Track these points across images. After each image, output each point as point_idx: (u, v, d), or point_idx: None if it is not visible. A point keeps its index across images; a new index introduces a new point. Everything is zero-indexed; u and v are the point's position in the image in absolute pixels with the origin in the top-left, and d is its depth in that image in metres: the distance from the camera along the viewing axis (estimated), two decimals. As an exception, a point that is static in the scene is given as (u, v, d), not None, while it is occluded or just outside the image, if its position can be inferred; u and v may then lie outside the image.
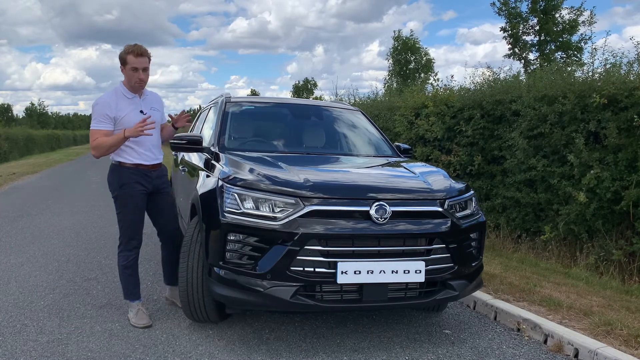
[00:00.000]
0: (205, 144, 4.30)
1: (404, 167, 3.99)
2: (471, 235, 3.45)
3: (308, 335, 3.61)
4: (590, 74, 5.98)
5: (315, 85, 46.11)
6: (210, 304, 3.47)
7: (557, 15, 23.73)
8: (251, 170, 3.40)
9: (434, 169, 4.02)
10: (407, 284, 3.19)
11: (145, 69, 3.57)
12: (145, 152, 3.68)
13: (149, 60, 3.61)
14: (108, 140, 3.53)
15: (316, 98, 25.60)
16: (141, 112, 3.65)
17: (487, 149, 6.99)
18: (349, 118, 5.13)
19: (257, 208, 3.13)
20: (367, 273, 3.05)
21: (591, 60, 6.07)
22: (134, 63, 3.51)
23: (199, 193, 3.64)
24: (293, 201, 3.11)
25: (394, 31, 39.89)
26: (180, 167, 5.39)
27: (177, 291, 3.85)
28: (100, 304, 4.16)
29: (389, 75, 33.13)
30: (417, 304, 3.64)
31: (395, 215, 3.16)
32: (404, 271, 3.10)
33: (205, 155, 4.20)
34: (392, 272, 3.08)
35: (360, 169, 4.13)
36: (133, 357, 3.20)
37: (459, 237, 3.32)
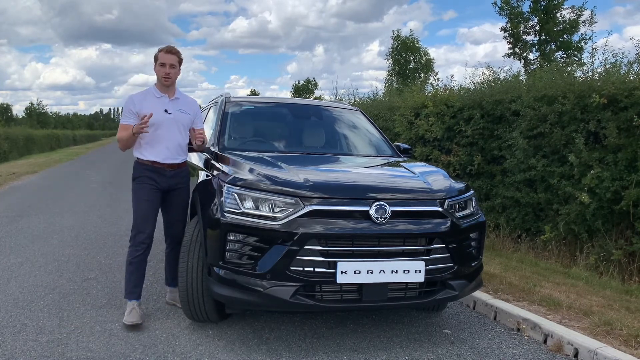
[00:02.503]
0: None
1: (404, 167, 3.99)
2: (471, 235, 3.45)
3: (308, 335, 3.61)
4: (590, 74, 5.98)
5: (315, 85, 46.01)
6: (210, 304, 3.47)
7: (558, 14, 23.72)
8: (251, 170, 3.40)
9: (434, 168, 4.02)
10: (406, 283, 3.19)
11: (173, 66, 3.73)
12: (161, 150, 3.74)
13: (179, 60, 3.80)
14: (122, 135, 3.70)
15: (316, 98, 25.60)
16: (165, 111, 3.73)
17: (486, 148, 6.99)
18: (349, 118, 5.13)
19: (257, 208, 3.13)
20: (367, 273, 3.05)
21: (591, 60, 6.08)
22: (162, 59, 3.72)
23: (199, 193, 3.65)
24: (293, 201, 3.11)
25: (393, 31, 39.89)
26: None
27: (177, 292, 3.84)
28: (100, 304, 4.16)
29: (388, 74, 33.13)
30: (417, 304, 3.64)
31: (395, 215, 3.16)
32: (404, 271, 3.10)
33: (205, 155, 4.21)
34: (392, 272, 3.08)
35: (360, 168, 4.13)
36: (133, 357, 3.20)
37: (459, 237, 3.32)
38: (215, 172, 3.66)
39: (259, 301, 3.11)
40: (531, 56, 25.30)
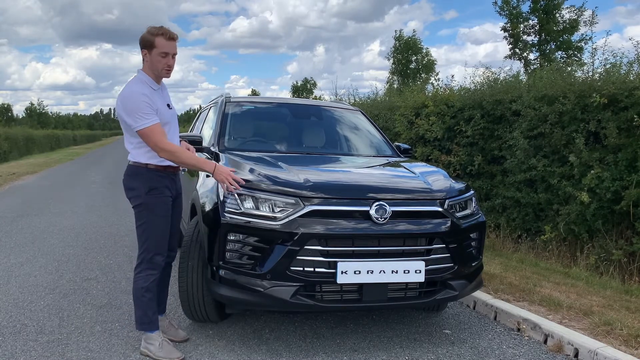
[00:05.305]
0: (205, 144, 4.30)
1: (404, 167, 3.99)
2: (471, 235, 3.45)
3: (308, 335, 3.61)
4: (590, 73, 5.98)
5: (314, 85, 46.11)
6: (210, 304, 3.47)
7: (558, 14, 23.73)
8: (251, 170, 3.40)
9: (434, 169, 4.03)
10: (407, 284, 3.19)
11: (174, 55, 3.12)
12: None
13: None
14: (189, 159, 3.11)
15: (316, 98, 25.61)
16: (167, 105, 3.21)
17: (487, 149, 6.98)
18: (349, 118, 5.13)
19: (257, 208, 3.13)
20: (367, 273, 3.05)
21: (591, 60, 6.08)
22: (165, 47, 3.05)
23: (199, 193, 3.65)
24: (293, 201, 3.11)
25: (395, 31, 40.05)
26: (179, 167, 5.38)
27: (165, 321, 3.42)
28: (100, 304, 4.16)
29: (390, 74, 33.22)
30: (417, 304, 3.64)
31: (395, 215, 3.16)
32: (404, 271, 3.10)
33: (205, 155, 4.21)
34: (392, 272, 3.08)
35: (360, 169, 4.13)
36: (133, 357, 3.20)
37: (459, 237, 3.32)
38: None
39: (259, 301, 3.11)
40: (531, 56, 25.33)
